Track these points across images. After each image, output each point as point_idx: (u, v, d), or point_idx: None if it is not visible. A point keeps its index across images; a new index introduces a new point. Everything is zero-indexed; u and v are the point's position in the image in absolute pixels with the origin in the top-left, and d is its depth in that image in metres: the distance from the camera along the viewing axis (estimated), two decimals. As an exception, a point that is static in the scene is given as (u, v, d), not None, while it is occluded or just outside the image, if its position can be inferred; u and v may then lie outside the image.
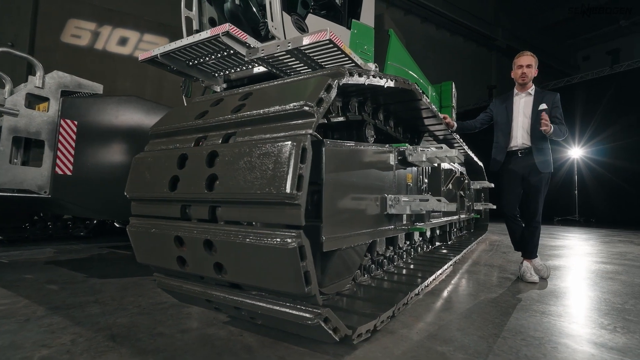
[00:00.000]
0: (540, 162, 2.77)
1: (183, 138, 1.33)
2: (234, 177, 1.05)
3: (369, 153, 1.74)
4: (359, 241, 1.60)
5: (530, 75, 2.80)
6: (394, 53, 4.94)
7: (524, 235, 2.91)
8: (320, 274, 1.48)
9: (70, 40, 10.61)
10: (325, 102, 1.07)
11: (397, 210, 1.94)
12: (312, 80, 1.14)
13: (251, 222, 1.08)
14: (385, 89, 1.93)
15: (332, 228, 1.38)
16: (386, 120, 2.52)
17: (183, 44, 2.36)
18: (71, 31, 10.69)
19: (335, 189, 1.41)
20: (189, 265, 1.21)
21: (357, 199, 1.61)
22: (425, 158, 2.25)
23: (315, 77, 1.17)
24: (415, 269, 2.63)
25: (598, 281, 2.84)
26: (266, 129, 1.10)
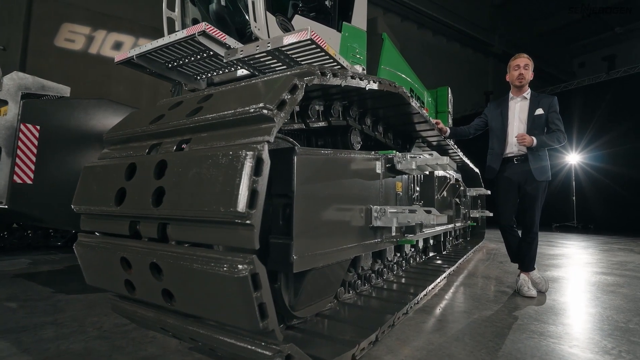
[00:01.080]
0: (537, 169, 2.63)
1: (137, 145, 1.19)
2: (182, 191, 0.90)
3: (351, 161, 1.61)
4: (338, 258, 1.45)
5: (527, 77, 2.68)
6: (388, 57, 4.83)
7: (520, 246, 2.77)
8: (293, 296, 1.33)
9: (64, 44, 10.50)
10: (288, 104, 0.93)
11: (384, 222, 1.79)
12: (276, 81, 1.00)
13: (206, 243, 0.93)
14: (370, 92, 1.81)
15: (304, 245, 1.23)
16: (374, 126, 2.38)
17: (159, 44, 2.23)
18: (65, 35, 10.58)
19: (309, 202, 1.27)
20: (137, 291, 1.06)
21: (337, 212, 1.47)
22: (415, 166, 2.11)
23: (280, 76, 1.03)
24: (405, 283, 2.48)
25: (599, 295, 2.70)
26: (222, 136, 0.96)
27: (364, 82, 1.43)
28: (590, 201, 11.59)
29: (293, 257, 1.18)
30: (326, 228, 1.38)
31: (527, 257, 2.72)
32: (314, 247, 1.29)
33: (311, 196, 1.29)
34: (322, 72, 1.12)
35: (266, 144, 0.83)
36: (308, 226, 1.26)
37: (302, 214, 1.23)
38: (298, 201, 1.21)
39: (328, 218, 1.40)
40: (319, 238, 1.33)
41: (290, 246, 1.18)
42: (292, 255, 1.18)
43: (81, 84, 9.21)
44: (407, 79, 5.54)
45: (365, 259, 1.90)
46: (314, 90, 1.42)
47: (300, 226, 1.22)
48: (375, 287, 2.25)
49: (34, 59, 10.23)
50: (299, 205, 1.22)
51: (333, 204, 1.44)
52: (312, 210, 1.29)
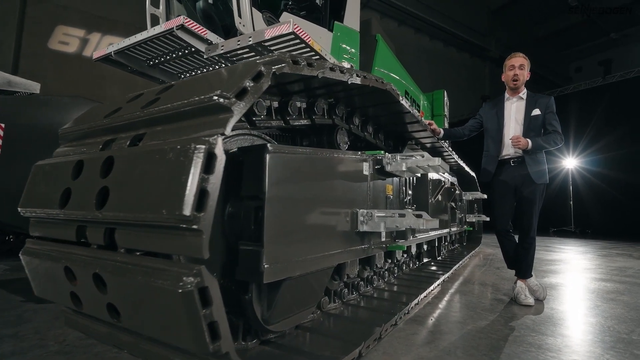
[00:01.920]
0: (534, 172, 2.53)
1: (92, 141, 1.08)
2: (127, 192, 0.79)
3: (334, 161, 1.50)
4: (319, 266, 1.33)
5: (522, 77, 2.59)
6: (382, 59, 4.75)
7: (517, 252, 2.65)
8: (266, 309, 1.21)
9: (57, 46, 10.39)
10: (250, 93, 0.82)
11: (371, 227, 1.68)
12: (239, 67, 0.89)
13: (155, 251, 0.81)
14: (357, 89, 1.70)
15: (278, 252, 1.12)
16: (364, 126, 2.28)
17: (137, 39, 2.12)
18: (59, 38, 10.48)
19: (283, 204, 1.16)
20: (83, 305, 0.94)
21: (317, 216, 1.35)
22: (405, 167, 2.01)
23: (244, 62, 0.93)
24: (396, 291, 2.36)
25: (599, 303, 2.58)
26: (176, 129, 0.85)
27: (346, 75, 1.32)
28: (588, 206, 11.53)
29: (264, 265, 1.06)
30: (304, 233, 1.27)
31: (524, 263, 2.61)
32: (289, 255, 1.18)
33: (286, 198, 1.17)
34: (294, 60, 1.01)
35: (219, 137, 0.72)
36: (282, 231, 1.15)
37: (274, 218, 1.11)
38: (270, 203, 1.10)
39: (306, 222, 1.29)
40: (296, 244, 1.21)
41: (261, 253, 1.07)
42: (262, 263, 1.06)
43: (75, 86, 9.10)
44: (401, 81, 5.46)
45: (352, 266, 1.78)
46: (291, 83, 1.32)
47: (272, 231, 1.10)
48: (364, 296, 2.13)
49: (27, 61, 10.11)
50: (271, 208, 1.10)
51: (313, 207, 1.33)
52: (287, 213, 1.18)
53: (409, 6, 16.03)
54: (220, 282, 1.17)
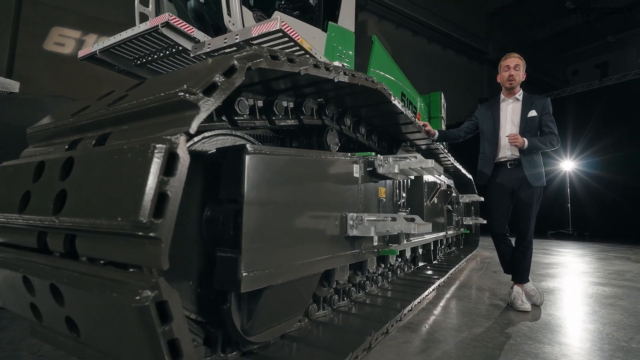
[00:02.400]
0: (531, 175, 2.48)
1: (59, 141, 1.01)
2: (85, 196, 0.72)
3: (322, 162, 1.43)
4: (303, 273, 1.27)
5: (518, 78, 2.54)
6: (377, 60, 4.71)
7: (514, 256, 2.59)
8: (247, 319, 1.14)
9: (53, 48, 10.30)
10: (221, 89, 0.76)
11: (361, 231, 1.61)
12: (211, 61, 0.83)
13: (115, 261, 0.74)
14: (347, 88, 1.64)
15: (257, 260, 1.05)
16: (356, 127, 2.22)
17: (122, 37, 2.06)
18: (55, 39, 10.39)
19: (264, 208, 1.09)
20: (43, 318, 0.87)
21: (302, 220, 1.29)
22: (398, 169, 1.95)
23: (217, 57, 0.87)
24: (389, 297, 2.29)
25: (597, 309, 2.53)
26: (142, 128, 0.79)
27: (332, 72, 1.26)
28: (586, 208, 11.50)
29: (242, 273, 1.00)
30: (288, 239, 1.20)
31: (520, 267, 2.55)
32: (271, 262, 1.11)
33: (267, 202, 1.11)
34: (273, 55, 0.95)
35: (182, 136, 0.66)
36: (262, 237, 1.08)
37: (254, 223, 1.05)
38: (249, 207, 1.03)
39: (290, 227, 1.22)
40: (278, 251, 1.15)
41: (238, 261, 1.00)
42: (240, 271, 1.00)
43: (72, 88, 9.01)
44: (398, 83, 5.42)
45: (342, 272, 1.72)
46: (276, 80, 1.26)
47: (251, 237, 1.04)
48: (356, 302, 2.07)
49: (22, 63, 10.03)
50: (251, 213, 1.04)
51: (297, 212, 1.26)
52: (269, 218, 1.11)
53: (407, 9, 16.05)
54: (197, 291, 1.10)
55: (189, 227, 1.09)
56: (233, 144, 1.29)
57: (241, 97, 1.25)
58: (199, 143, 1.11)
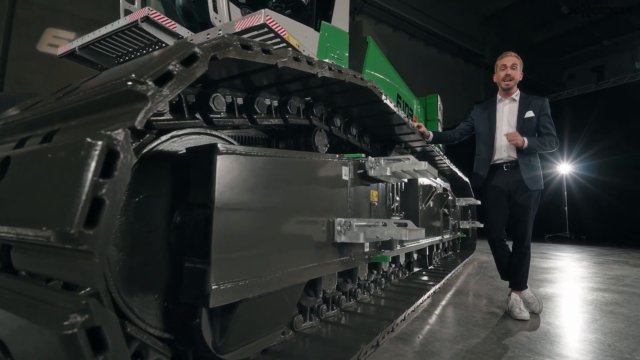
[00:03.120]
0: (529, 178, 2.39)
1: (10, 139, 0.91)
2: (18, 201, 0.63)
3: (307, 164, 1.34)
4: (284, 283, 1.17)
5: (515, 77, 2.46)
6: (373, 61, 4.64)
7: (511, 262, 2.51)
8: (219, 335, 1.04)
9: (47, 49, 10.18)
10: (177, 79, 0.66)
11: (349, 237, 1.52)
12: (170, 48, 0.74)
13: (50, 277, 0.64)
14: (336, 86, 1.56)
15: (229, 271, 0.95)
16: (347, 128, 2.13)
17: (102, 33, 1.97)
18: (49, 40, 10.27)
19: (237, 215, 1.00)
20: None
21: (283, 227, 1.19)
22: (390, 172, 1.86)
23: (177, 43, 0.77)
24: (382, 305, 2.19)
25: (597, 317, 2.44)
26: (89, 123, 0.69)
27: (315, 67, 1.17)
28: (583, 211, 11.47)
29: (211, 286, 0.90)
30: (266, 247, 1.10)
31: (518, 274, 2.46)
32: (245, 272, 1.01)
33: (241, 207, 1.01)
34: (245, 45, 0.86)
35: (125, 131, 0.56)
36: (236, 245, 0.98)
37: (226, 230, 0.95)
38: (220, 213, 0.94)
39: (269, 235, 1.12)
40: (254, 260, 1.05)
41: (207, 272, 0.90)
42: (209, 284, 0.90)
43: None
44: (393, 85, 5.35)
45: (329, 280, 1.62)
46: (256, 75, 1.16)
47: (222, 246, 0.94)
48: (346, 312, 1.96)
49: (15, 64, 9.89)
50: (222, 219, 0.94)
51: (277, 217, 1.17)
52: (243, 225, 1.02)
53: (404, 12, 16.07)
54: (164, 305, 1.00)
55: (156, 234, 1.00)
56: (208, 142, 1.19)
57: (217, 93, 1.16)
58: (167, 142, 1.02)
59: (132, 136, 0.93)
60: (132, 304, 0.91)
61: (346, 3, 3.92)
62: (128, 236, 0.92)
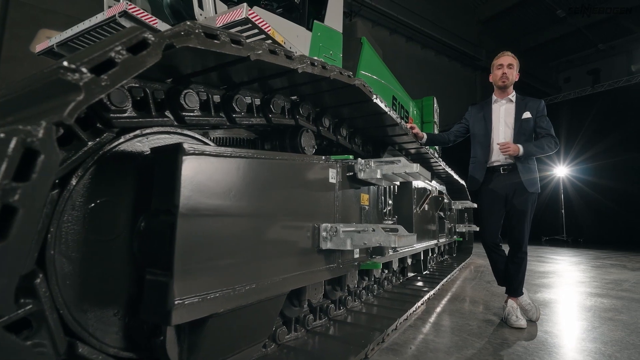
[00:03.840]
0: (527, 180, 2.32)
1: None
2: None
3: (288, 166, 1.26)
4: (259, 296, 1.08)
5: (511, 77, 2.39)
6: (367, 62, 4.57)
7: (507, 268, 2.43)
8: (187, 354, 0.94)
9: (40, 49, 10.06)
10: (122, 67, 0.58)
11: (336, 244, 1.43)
12: (117, 34, 0.65)
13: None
14: (321, 83, 1.48)
15: (195, 284, 0.86)
16: (336, 129, 2.05)
17: (79, 29, 1.88)
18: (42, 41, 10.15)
19: (206, 222, 0.91)
20: None
21: (261, 234, 1.10)
22: (380, 174, 1.77)
23: (127, 28, 0.69)
24: (373, 313, 2.10)
25: (596, 324, 2.36)
26: (19, 120, 0.60)
27: (295, 62, 1.09)
28: (579, 214, 11.45)
29: (173, 301, 0.81)
30: (240, 257, 1.02)
31: (515, 280, 2.38)
32: (216, 284, 0.92)
33: (212, 213, 0.92)
34: (210, 33, 0.78)
35: (45, 127, 0.47)
36: (203, 255, 0.89)
37: (192, 239, 0.86)
38: (185, 220, 0.85)
39: (244, 243, 1.03)
40: (226, 271, 0.96)
41: (169, 285, 0.81)
42: (171, 299, 0.81)
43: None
44: (388, 86, 5.29)
45: (315, 289, 1.53)
46: (230, 69, 1.08)
47: (187, 256, 0.85)
48: (335, 321, 1.87)
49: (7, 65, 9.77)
50: (187, 226, 0.85)
51: (255, 224, 1.08)
52: (213, 233, 0.93)
53: (401, 15, 16.09)
54: (126, 321, 0.91)
55: (116, 243, 0.90)
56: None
57: (189, 89, 1.07)
58: (130, 142, 0.93)
59: (88, 135, 0.84)
60: (85, 322, 0.82)
61: (340, 3, 3.86)
62: (82, 246, 0.83)
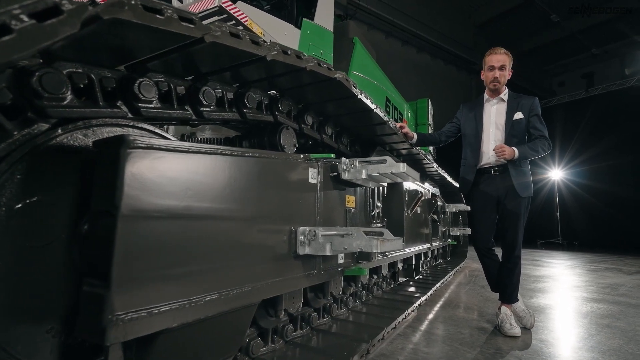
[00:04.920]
0: (520, 184, 2.23)
1: None
2: None
3: (259, 165, 1.15)
4: (222, 307, 0.97)
5: (503, 79, 2.30)
6: (359, 62, 4.49)
7: (501, 273, 2.33)
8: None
9: (31, 50, 9.91)
10: (20, 36, 0.47)
11: (314, 249, 1.33)
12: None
13: None
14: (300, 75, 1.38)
15: (139, 296, 0.75)
16: (321, 127, 1.95)
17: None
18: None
19: (153, 225, 0.80)
20: None
21: (225, 239, 1.00)
22: (366, 175, 1.67)
23: None
24: (359, 322, 1.98)
25: (593, 332, 2.26)
26: None
27: (263, 48, 0.99)
28: (574, 217, 11.44)
29: (108, 317, 0.70)
30: (199, 264, 0.91)
31: (508, 286, 2.28)
32: (167, 296, 0.81)
33: (163, 215, 0.82)
34: (149, 7, 0.67)
35: None
36: (151, 263, 0.78)
37: (136, 244, 0.75)
38: (127, 223, 0.74)
39: (205, 249, 0.93)
40: (179, 281, 0.85)
41: (105, 298, 0.70)
42: (107, 314, 0.70)
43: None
44: (381, 87, 5.21)
45: (292, 298, 1.42)
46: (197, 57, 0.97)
47: (130, 264, 0.74)
48: (318, 331, 1.76)
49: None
50: (129, 230, 0.74)
51: (217, 228, 0.97)
52: (165, 237, 0.82)
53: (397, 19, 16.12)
54: (62, 339, 0.79)
55: (51, 250, 0.79)
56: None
57: (145, 78, 0.96)
58: (71, 134, 0.82)
59: (15, 125, 0.73)
60: (7, 341, 0.71)
61: (330, 1, 3.79)
62: (7, 253, 0.72)
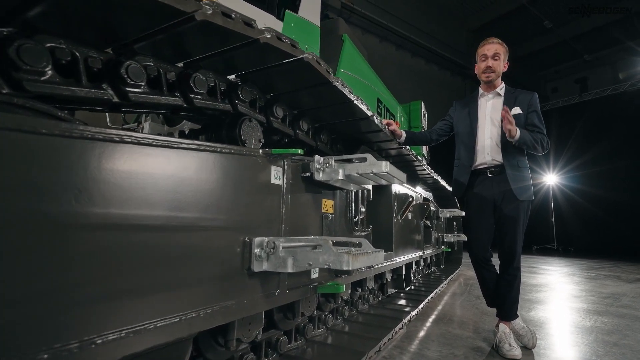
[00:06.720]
0: (517, 188, 2.01)
1: None
2: None
3: (196, 160, 0.91)
4: (125, 351, 0.72)
5: (497, 69, 2.10)
6: (349, 60, 4.28)
7: (498, 286, 2.10)
8: None
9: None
10: None
11: (273, 265, 1.08)
12: None
13: None
14: (266, 55, 1.15)
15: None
16: (295, 121, 1.72)
17: None
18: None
19: (17, 234, 0.55)
20: None
21: (139, 254, 0.75)
22: (342, 175, 1.44)
23: None
24: (338, 345, 1.73)
25: (600, 352, 2.03)
26: None
27: (191, 4, 0.75)
28: (569, 223, 11.32)
29: None
30: (98, 288, 0.66)
31: (507, 301, 2.05)
32: (40, 335, 0.56)
33: (26, 220, 0.57)
34: None
35: None
36: (20, 291, 0.53)
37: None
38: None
39: (108, 267, 0.68)
40: (65, 311, 0.60)
41: None
42: None
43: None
44: (372, 87, 5.01)
45: (249, 324, 1.17)
46: (121, 16, 0.74)
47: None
48: (287, 357, 1.50)
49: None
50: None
51: (130, 239, 0.73)
52: (36, 251, 0.57)
53: (391, 23, 16.08)
54: None
55: None
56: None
57: (28, 41, 0.72)
58: None
59: None
60: None
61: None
62: None
